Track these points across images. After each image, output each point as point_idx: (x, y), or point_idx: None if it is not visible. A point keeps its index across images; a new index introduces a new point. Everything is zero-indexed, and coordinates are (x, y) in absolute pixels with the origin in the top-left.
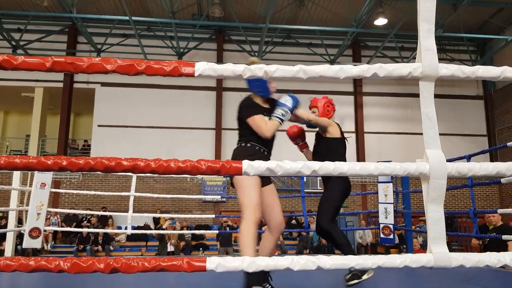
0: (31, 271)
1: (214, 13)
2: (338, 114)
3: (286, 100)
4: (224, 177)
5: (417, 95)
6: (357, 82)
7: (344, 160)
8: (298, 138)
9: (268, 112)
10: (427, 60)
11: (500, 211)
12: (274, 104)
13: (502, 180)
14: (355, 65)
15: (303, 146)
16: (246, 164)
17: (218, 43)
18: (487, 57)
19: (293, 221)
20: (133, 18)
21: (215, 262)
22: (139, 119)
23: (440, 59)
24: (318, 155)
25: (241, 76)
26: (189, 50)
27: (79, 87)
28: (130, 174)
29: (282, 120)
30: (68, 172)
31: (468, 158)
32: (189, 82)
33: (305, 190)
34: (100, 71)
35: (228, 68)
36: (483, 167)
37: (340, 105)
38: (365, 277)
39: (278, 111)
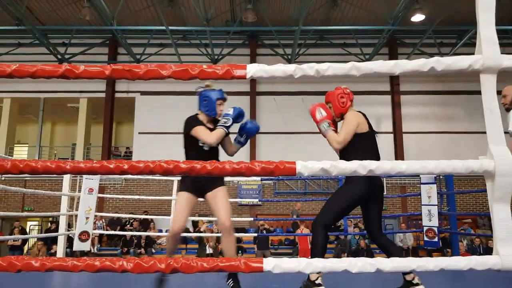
0: (96, 271)
1: (247, 19)
2: (374, 113)
3: (229, 110)
4: (261, 180)
5: (458, 92)
6: (394, 80)
7: (372, 157)
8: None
9: (211, 131)
10: (488, 51)
11: None
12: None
13: None
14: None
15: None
16: (300, 165)
17: (251, 48)
18: None
19: None
20: (170, 27)
21: (271, 263)
22: (177, 125)
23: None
24: (342, 154)
25: (292, 76)
26: (223, 57)
27: (120, 96)
28: (171, 178)
29: (226, 127)
30: (112, 177)
31: None
32: (224, 87)
33: None
34: (157, 77)
35: (279, 69)
36: None
37: (377, 104)
38: None
39: (222, 120)
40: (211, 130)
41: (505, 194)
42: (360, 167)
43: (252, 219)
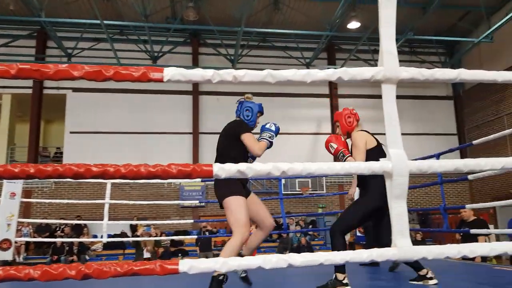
0: (0, 281)
1: (188, 17)
2: (315, 116)
3: (271, 125)
4: (202, 181)
5: None
6: (333, 84)
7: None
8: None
9: None
10: (388, 63)
11: (468, 206)
12: None
13: (469, 177)
14: (329, 68)
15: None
16: (217, 167)
17: (193, 46)
18: (456, 59)
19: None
20: (105, 21)
21: (188, 264)
22: (112, 125)
23: (411, 61)
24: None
25: (210, 80)
26: (163, 54)
27: (50, 93)
28: (104, 181)
29: (270, 142)
30: (40, 181)
31: (438, 156)
32: (164, 86)
33: (284, 192)
34: (67, 77)
35: (197, 73)
36: (442, 164)
37: (317, 107)
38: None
39: (266, 134)
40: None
41: (402, 192)
42: (274, 168)
43: (194, 221)
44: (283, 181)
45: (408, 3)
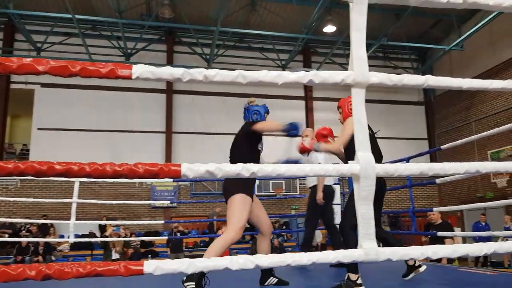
0: None
1: (163, 14)
2: (290, 117)
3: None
4: (174, 181)
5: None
6: (308, 87)
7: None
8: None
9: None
10: (358, 68)
11: (435, 209)
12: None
13: (437, 181)
14: (306, 71)
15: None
16: (185, 167)
17: (168, 44)
18: (427, 65)
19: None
20: (76, 16)
21: (153, 265)
22: (83, 122)
23: (385, 67)
24: (347, 154)
25: (180, 79)
26: (137, 51)
27: (17, 87)
28: (72, 180)
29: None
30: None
31: (407, 160)
32: (136, 84)
33: (257, 193)
34: (32, 72)
35: (166, 72)
36: (408, 167)
37: (292, 109)
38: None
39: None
40: (258, 142)
41: (368, 194)
42: (244, 169)
43: (165, 221)
44: (257, 182)
45: (382, 9)
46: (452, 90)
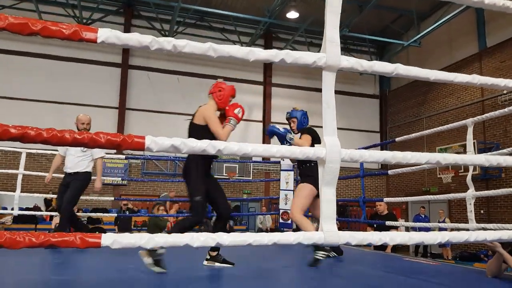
0: None
1: None
2: (247, 102)
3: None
4: (125, 158)
5: (320, 90)
6: (267, 72)
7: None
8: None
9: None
10: (331, 51)
11: (385, 199)
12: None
13: (390, 172)
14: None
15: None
16: (149, 140)
17: (126, 17)
18: (385, 59)
19: None
20: None
21: (110, 239)
22: (31, 92)
23: None
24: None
25: (148, 47)
26: (93, 22)
27: None
28: (19, 150)
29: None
30: None
31: None
32: (90, 55)
33: None
34: None
35: (133, 38)
36: (372, 154)
37: (250, 93)
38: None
39: (291, 136)
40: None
41: (333, 178)
42: (210, 146)
43: (114, 198)
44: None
45: None
46: (407, 85)
